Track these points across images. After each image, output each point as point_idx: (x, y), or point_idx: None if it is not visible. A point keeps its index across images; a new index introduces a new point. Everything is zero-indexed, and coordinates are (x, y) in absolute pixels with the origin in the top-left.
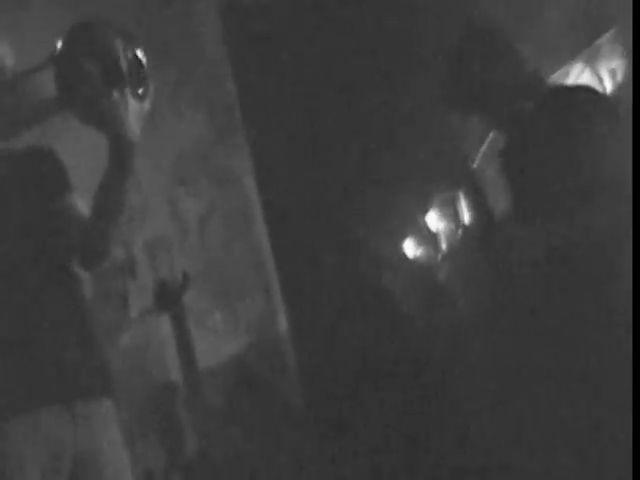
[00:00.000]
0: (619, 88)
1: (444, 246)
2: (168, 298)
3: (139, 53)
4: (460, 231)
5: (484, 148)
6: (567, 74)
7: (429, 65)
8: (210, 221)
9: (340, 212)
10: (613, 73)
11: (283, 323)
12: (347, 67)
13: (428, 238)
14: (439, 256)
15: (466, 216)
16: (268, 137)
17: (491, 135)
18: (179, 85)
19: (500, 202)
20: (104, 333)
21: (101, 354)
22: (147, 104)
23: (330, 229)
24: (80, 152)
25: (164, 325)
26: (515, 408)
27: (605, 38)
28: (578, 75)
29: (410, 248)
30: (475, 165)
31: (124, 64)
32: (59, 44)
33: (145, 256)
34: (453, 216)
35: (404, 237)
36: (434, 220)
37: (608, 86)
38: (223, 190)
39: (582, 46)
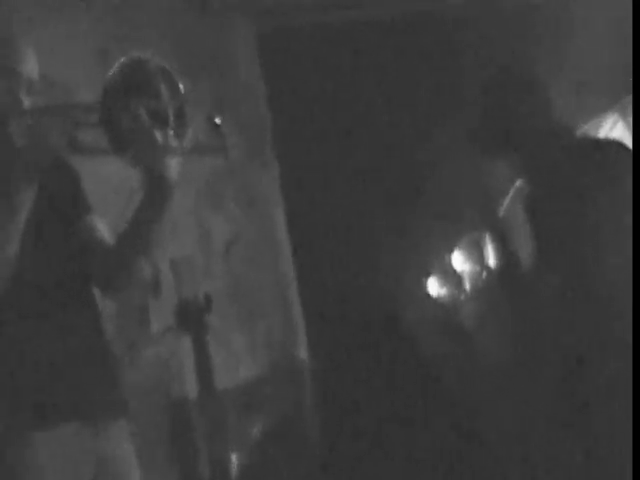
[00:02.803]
0: None
1: (468, 287)
2: (190, 318)
3: (181, 92)
4: (484, 273)
5: (511, 193)
6: (600, 125)
7: (460, 108)
8: (236, 244)
9: (366, 245)
10: None
11: (303, 350)
12: (379, 99)
13: (452, 278)
14: (462, 296)
15: (491, 259)
16: (299, 163)
17: (519, 180)
18: (213, 108)
19: (525, 247)
20: (124, 349)
21: (121, 372)
22: (186, 144)
23: (355, 260)
24: (101, 175)
25: (184, 344)
26: (536, 448)
27: None
28: (611, 126)
29: (434, 286)
30: (502, 209)
31: (169, 105)
32: (108, 80)
33: (170, 275)
34: (478, 258)
35: (429, 275)
36: (459, 261)
37: None
38: (251, 214)
39: (617, 98)
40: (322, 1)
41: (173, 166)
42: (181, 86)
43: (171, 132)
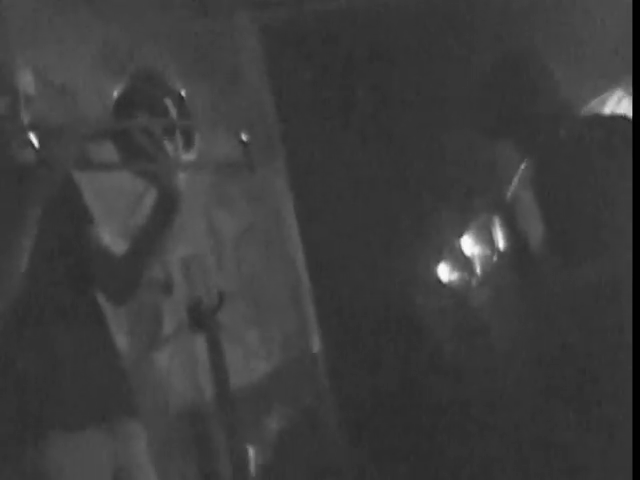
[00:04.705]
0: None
1: (478, 271)
2: (202, 316)
3: (185, 103)
4: (495, 256)
5: (518, 174)
6: (604, 103)
7: (464, 92)
8: (246, 240)
9: (376, 234)
10: None
11: (317, 343)
12: (384, 92)
13: (463, 263)
14: (473, 281)
15: (501, 241)
16: (307, 157)
17: (525, 162)
18: (217, 103)
19: (534, 228)
20: (138, 350)
21: (135, 374)
22: (193, 155)
23: (365, 251)
24: (104, 185)
25: (198, 342)
26: (542, 434)
27: None
28: (615, 104)
29: (444, 272)
30: (509, 192)
31: (176, 116)
32: (116, 95)
33: (181, 273)
34: (488, 241)
35: (439, 261)
36: (469, 245)
37: None
38: (260, 209)
39: (620, 75)
40: None
41: (181, 176)
42: (185, 97)
43: (180, 143)
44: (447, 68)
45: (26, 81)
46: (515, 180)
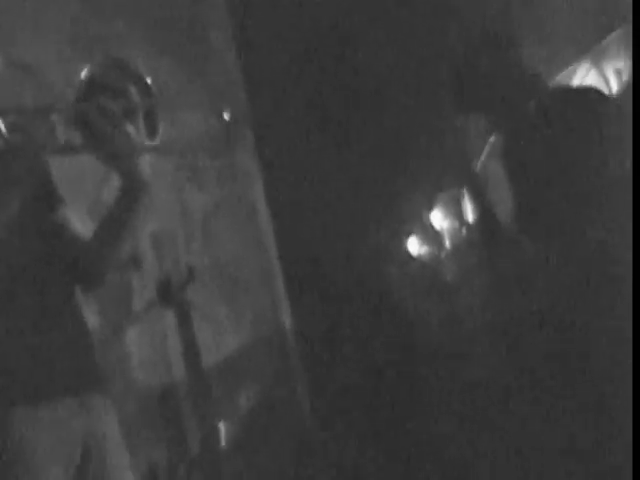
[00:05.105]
0: (625, 89)
1: (448, 244)
2: (172, 292)
3: (151, 90)
4: (464, 230)
5: (487, 148)
6: (573, 75)
7: (434, 66)
8: (216, 216)
9: (345, 209)
10: (619, 74)
11: (287, 317)
12: (355, 63)
13: (432, 236)
14: (442, 254)
15: (470, 215)
16: (276, 133)
17: (494, 135)
18: (187, 79)
19: (503, 200)
20: (108, 326)
21: (105, 351)
22: (158, 141)
23: (335, 225)
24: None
25: (168, 319)
26: (513, 407)
27: (611, 38)
28: (584, 76)
29: (414, 246)
30: (479, 165)
31: (139, 103)
32: (78, 82)
33: (150, 249)
34: (457, 215)
35: (408, 235)
36: (438, 218)
37: (614, 87)
38: (230, 185)
39: (588, 46)
40: None
41: (146, 163)
42: (150, 84)
43: (143, 131)
44: (419, 44)
45: None
46: (485, 154)
